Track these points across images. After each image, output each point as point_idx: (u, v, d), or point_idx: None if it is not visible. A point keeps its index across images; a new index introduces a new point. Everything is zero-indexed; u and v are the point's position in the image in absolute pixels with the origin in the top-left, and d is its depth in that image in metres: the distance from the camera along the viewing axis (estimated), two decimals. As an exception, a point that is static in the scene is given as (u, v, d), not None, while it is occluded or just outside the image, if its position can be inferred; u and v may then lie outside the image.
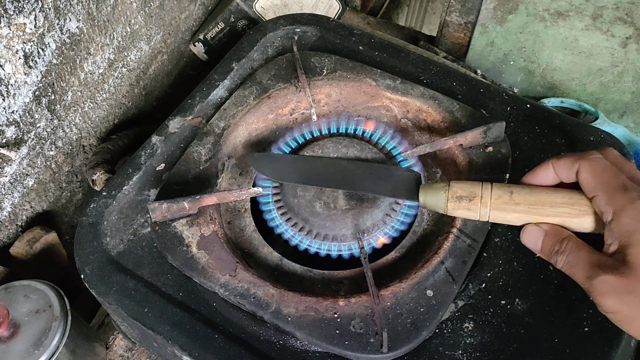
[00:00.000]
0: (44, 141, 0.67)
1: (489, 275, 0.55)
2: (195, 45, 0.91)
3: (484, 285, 0.54)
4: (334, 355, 0.50)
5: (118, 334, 0.69)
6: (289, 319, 0.51)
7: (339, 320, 0.50)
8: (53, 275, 0.70)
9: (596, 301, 0.39)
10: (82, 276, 0.57)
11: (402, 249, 0.58)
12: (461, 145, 0.61)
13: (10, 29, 0.57)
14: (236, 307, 0.53)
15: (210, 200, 0.57)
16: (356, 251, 0.57)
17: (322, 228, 0.58)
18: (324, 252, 0.58)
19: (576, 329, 0.51)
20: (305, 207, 0.59)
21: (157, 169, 0.63)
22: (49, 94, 0.65)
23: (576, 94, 0.95)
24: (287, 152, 0.64)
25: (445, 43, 0.99)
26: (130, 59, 0.78)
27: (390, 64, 0.71)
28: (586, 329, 0.51)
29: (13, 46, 0.58)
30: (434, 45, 1.01)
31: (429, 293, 0.51)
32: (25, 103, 0.62)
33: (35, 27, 0.59)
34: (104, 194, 0.61)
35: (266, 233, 0.61)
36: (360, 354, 0.49)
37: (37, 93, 0.63)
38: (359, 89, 0.68)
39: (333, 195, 0.59)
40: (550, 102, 0.95)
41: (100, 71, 0.73)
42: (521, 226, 0.44)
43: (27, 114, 0.63)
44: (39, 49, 0.61)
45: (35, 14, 0.59)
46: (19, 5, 0.56)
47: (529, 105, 0.67)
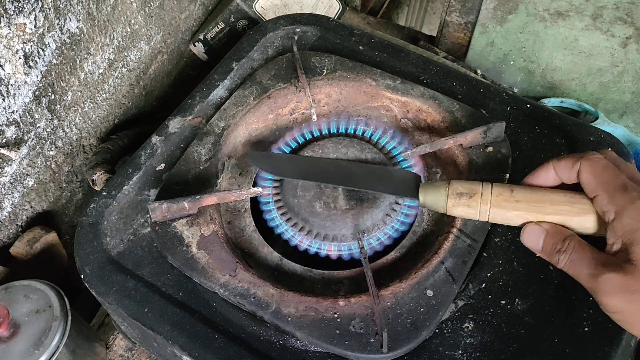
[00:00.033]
0: (44, 141, 0.67)
1: (489, 275, 0.55)
2: (195, 45, 0.91)
3: (484, 285, 0.54)
4: (334, 355, 0.50)
5: (118, 334, 0.69)
6: (289, 319, 0.51)
7: (339, 320, 0.50)
8: (53, 275, 0.70)
9: (600, 300, 0.38)
10: (82, 276, 0.57)
11: (402, 249, 0.58)
12: (461, 145, 0.61)
13: (10, 29, 0.57)
14: (236, 307, 0.53)
15: (210, 200, 0.57)
16: (356, 251, 0.57)
17: (322, 228, 0.58)
18: (323, 253, 0.58)
19: (576, 329, 0.51)
20: (305, 207, 0.59)
21: (157, 169, 0.63)
22: (49, 94, 0.65)
23: (576, 94, 0.95)
24: (287, 152, 0.64)
25: (445, 43, 0.99)
26: (130, 59, 0.78)
27: (390, 64, 0.71)
28: (586, 329, 0.51)
29: (13, 46, 0.58)
30: (434, 45, 1.01)
31: (429, 293, 0.51)
32: (25, 103, 0.62)
33: (35, 27, 0.59)
34: (104, 194, 0.61)
35: (266, 233, 0.61)
36: (360, 354, 0.49)
37: (37, 93, 0.63)
38: (359, 89, 0.68)
39: (333, 195, 0.59)
40: (550, 102, 0.95)
41: (100, 71, 0.73)
42: (521, 227, 0.44)
43: (27, 114, 0.63)
44: (39, 49, 0.61)
45: (35, 14, 0.59)
46: (19, 5, 0.56)
47: (529, 105, 0.67)
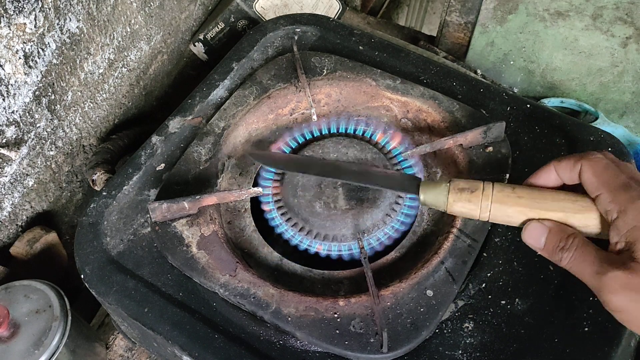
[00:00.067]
0: (44, 141, 0.67)
1: (489, 275, 0.55)
2: (195, 45, 0.91)
3: (484, 285, 0.54)
4: (334, 355, 0.51)
5: (118, 334, 0.69)
6: (289, 319, 0.51)
7: (339, 320, 0.50)
8: (53, 275, 0.70)
9: (604, 299, 0.38)
10: (82, 276, 0.57)
11: (402, 249, 0.58)
12: (461, 145, 0.61)
13: (10, 29, 0.57)
14: (236, 307, 0.53)
15: (210, 200, 0.57)
16: (356, 251, 0.57)
17: (322, 228, 0.58)
18: (324, 253, 0.58)
19: (576, 329, 0.51)
20: (306, 207, 0.59)
21: (157, 169, 0.63)
22: (49, 94, 0.65)
23: (576, 94, 0.95)
24: (287, 152, 0.64)
25: (445, 43, 0.99)
26: (130, 59, 0.78)
27: (390, 64, 0.71)
28: (586, 329, 0.51)
29: (13, 46, 0.58)
30: (434, 45, 1.01)
31: (429, 293, 0.51)
32: (25, 103, 0.62)
33: (35, 27, 0.59)
34: (104, 194, 0.61)
35: (266, 233, 0.61)
36: (360, 354, 0.49)
37: (37, 93, 0.63)
38: (359, 89, 0.68)
39: (333, 195, 0.59)
40: (550, 102, 0.95)
41: (100, 71, 0.73)
42: (521, 227, 0.44)
43: (27, 114, 0.63)
44: (39, 49, 0.61)
45: (35, 14, 0.59)
46: (19, 5, 0.56)
47: (529, 105, 0.67)
